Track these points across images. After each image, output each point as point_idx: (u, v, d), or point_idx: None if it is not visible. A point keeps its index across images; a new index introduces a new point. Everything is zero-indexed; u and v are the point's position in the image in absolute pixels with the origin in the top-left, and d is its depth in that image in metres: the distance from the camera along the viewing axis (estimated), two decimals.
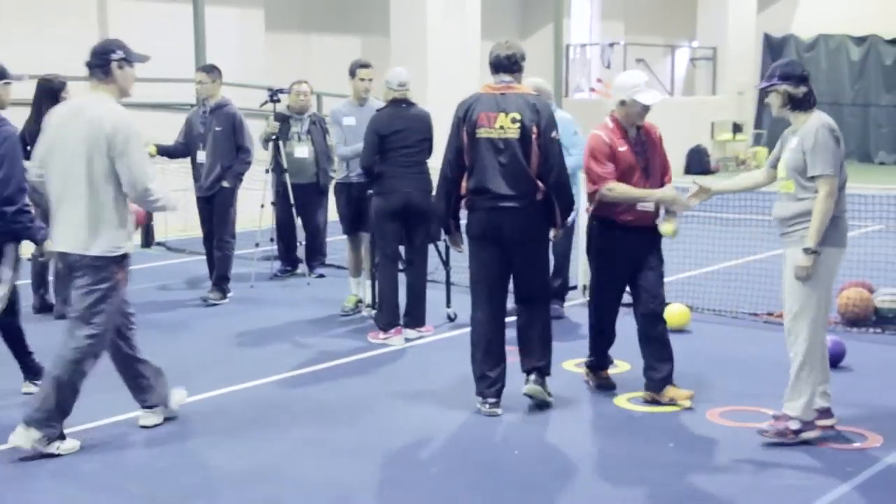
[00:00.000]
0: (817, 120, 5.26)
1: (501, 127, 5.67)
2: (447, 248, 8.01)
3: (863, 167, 22.03)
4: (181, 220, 12.05)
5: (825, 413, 5.36)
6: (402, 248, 7.55)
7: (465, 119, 5.76)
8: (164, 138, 9.26)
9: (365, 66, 8.18)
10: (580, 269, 8.74)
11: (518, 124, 5.66)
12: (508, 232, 5.71)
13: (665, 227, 5.84)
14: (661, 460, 5.03)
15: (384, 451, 5.25)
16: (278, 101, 9.50)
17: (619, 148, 5.89)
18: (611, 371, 6.35)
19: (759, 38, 23.76)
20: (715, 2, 22.22)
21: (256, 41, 15.55)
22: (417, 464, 5.07)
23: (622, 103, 5.87)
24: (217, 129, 8.67)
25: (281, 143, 9.31)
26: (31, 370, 6.14)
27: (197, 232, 11.98)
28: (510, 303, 6.03)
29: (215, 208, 8.77)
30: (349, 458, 5.18)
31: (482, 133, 5.69)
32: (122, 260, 5.25)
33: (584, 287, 8.71)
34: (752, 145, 22.60)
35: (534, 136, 5.67)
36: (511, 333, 5.99)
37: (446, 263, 8.08)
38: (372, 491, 4.78)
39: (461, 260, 8.39)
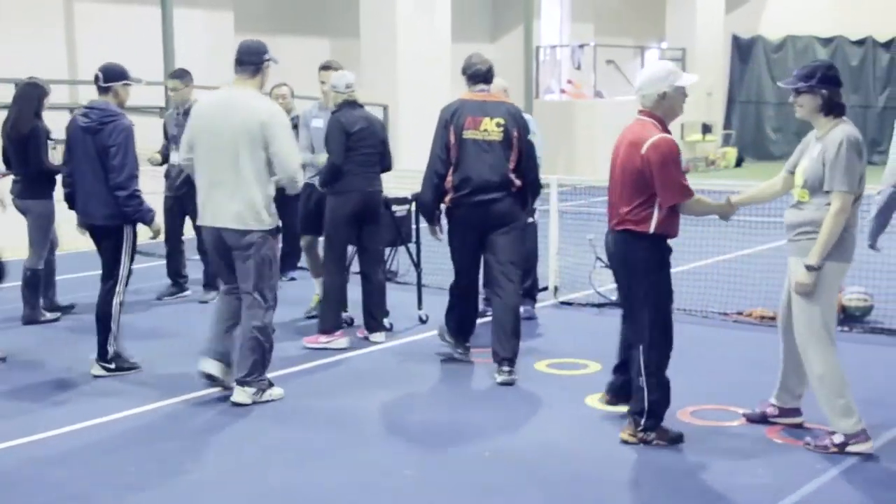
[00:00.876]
0: (842, 131, 5.06)
1: (486, 130, 6.44)
2: (418, 251, 8.02)
3: None
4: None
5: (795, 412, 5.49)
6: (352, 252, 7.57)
7: (452, 121, 6.48)
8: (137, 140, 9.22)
9: (324, 67, 8.04)
10: (551, 271, 8.77)
11: (502, 128, 6.46)
12: (490, 219, 6.47)
13: None
14: (632, 460, 5.05)
15: (356, 455, 5.24)
16: None
17: None
18: (581, 372, 6.38)
19: (727, 39, 23.95)
20: (684, 3, 22.38)
21: (226, 43, 15.44)
22: (390, 467, 5.06)
23: (663, 97, 5.20)
24: None
25: None
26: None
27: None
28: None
29: (190, 210, 8.72)
30: (321, 461, 5.17)
31: (468, 134, 6.44)
32: (276, 232, 6.04)
33: (556, 288, 8.75)
34: (722, 146, 22.76)
35: (514, 139, 6.47)
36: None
37: (417, 265, 8.08)
38: (344, 495, 4.76)
39: (432, 262, 8.43)
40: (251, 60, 5.95)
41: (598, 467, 5.00)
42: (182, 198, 8.72)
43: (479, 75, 6.68)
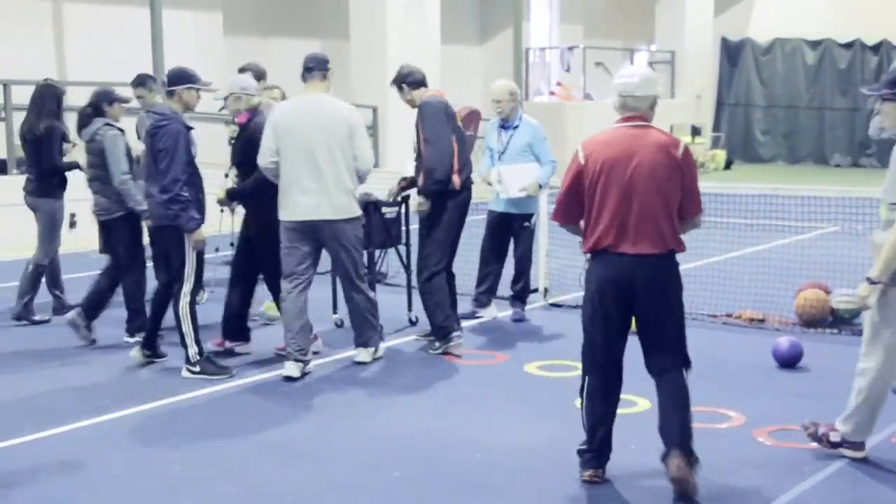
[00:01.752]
0: None
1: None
2: (408, 253, 8.01)
3: (818, 169, 22.32)
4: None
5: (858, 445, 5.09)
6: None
7: (448, 115, 7.06)
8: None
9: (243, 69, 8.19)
10: (541, 272, 8.78)
11: None
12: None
13: None
14: (624, 462, 5.05)
15: (346, 456, 5.24)
16: None
17: None
18: (571, 374, 6.39)
19: (716, 41, 24.03)
20: (673, 6, 22.45)
21: (215, 45, 15.45)
22: (380, 468, 5.06)
23: (655, 102, 4.72)
24: None
25: None
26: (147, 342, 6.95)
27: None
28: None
29: None
30: (311, 462, 5.16)
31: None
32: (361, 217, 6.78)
33: (546, 290, 8.76)
34: (711, 148, 22.82)
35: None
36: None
37: (407, 268, 8.07)
38: (334, 495, 4.76)
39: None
40: (320, 67, 6.62)
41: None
42: None
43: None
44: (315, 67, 6.63)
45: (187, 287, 6.57)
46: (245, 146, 6.91)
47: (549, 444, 5.36)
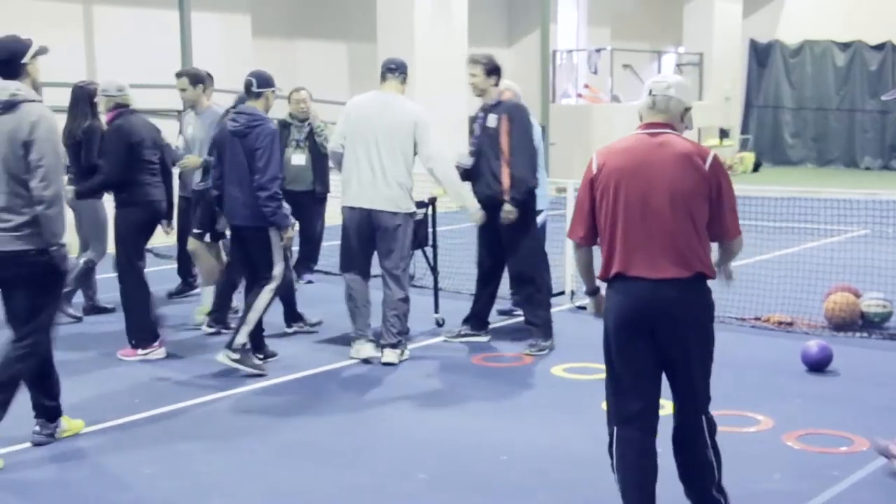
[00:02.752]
0: None
1: None
2: (435, 255, 8.02)
3: (848, 172, 22.14)
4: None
5: None
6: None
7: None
8: None
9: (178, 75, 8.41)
10: (567, 275, 8.75)
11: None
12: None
13: None
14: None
15: (371, 458, 5.24)
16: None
17: None
18: (597, 377, 6.35)
19: (744, 43, 23.90)
20: (701, 8, 22.33)
21: (243, 47, 15.52)
22: (404, 471, 5.06)
23: (687, 111, 4.16)
24: None
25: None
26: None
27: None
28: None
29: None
30: (336, 464, 5.17)
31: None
32: (413, 216, 6.97)
33: (572, 293, 8.73)
34: (739, 150, 22.70)
35: None
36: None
37: (434, 269, 8.07)
38: (359, 498, 4.76)
39: (449, 266, 8.42)
40: (401, 70, 6.99)
41: (611, 473, 4.97)
42: (197, 200, 8.79)
43: None
44: (397, 69, 6.98)
45: (275, 284, 6.69)
46: (101, 143, 7.35)
47: (575, 446, 5.34)
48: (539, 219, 7.87)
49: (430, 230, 7.91)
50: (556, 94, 20.52)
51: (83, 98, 7.95)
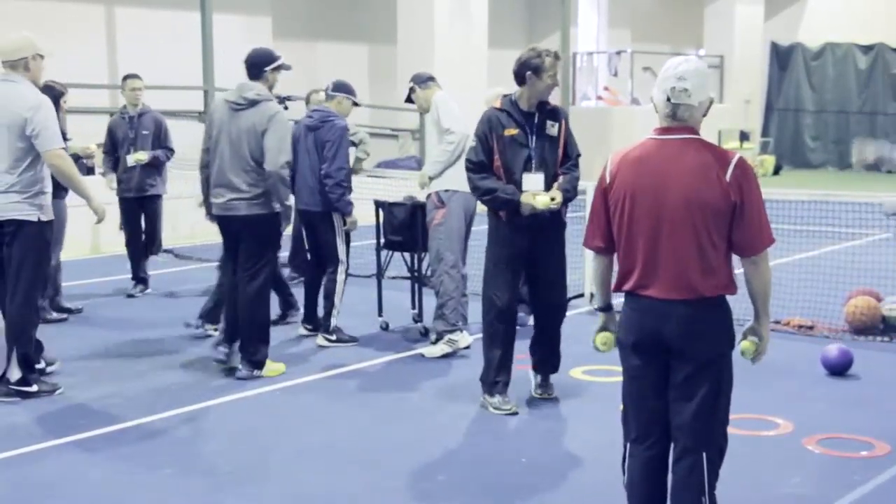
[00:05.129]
0: None
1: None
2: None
3: (869, 175, 22.01)
4: (188, 228, 12.11)
5: None
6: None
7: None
8: (173, 145, 9.40)
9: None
10: (587, 277, 8.74)
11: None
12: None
13: None
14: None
15: (390, 459, 5.25)
16: (286, 108, 9.50)
17: None
18: (616, 379, 6.34)
19: (765, 46, 23.79)
20: (722, 10, 22.26)
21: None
22: (423, 473, 5.07)
23: (710, 104, 3.82)
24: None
25: None
26: (308, 317, 7.82)
27: (202, 239, 12.03)
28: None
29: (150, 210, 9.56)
30: (354, 466, 5.18)
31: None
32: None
33: (591, 295, 8.71)
34: (760, 153, 22.60)
35: None
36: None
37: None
38: (378, 499, 4.77)
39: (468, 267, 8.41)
40: (424, 79, 7.41)
41: None
42: (141, 199, 9.02)
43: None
44: (426, 79, 7.38)
45: (343, 267, 7.43)
46: None
47: (594, 448, 5.33)
48: None
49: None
50: (576, 97, 20.49)
51: (53, 99, 7.86)
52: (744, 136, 21.96)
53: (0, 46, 6.23)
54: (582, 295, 8.66)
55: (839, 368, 6.64)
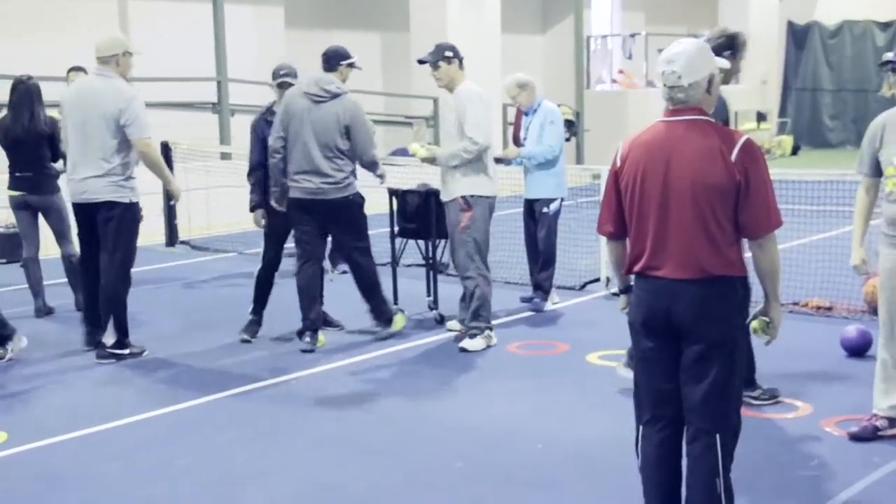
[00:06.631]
0: None
1: None
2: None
3: None
4: (204, 219, 12.13)
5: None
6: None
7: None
8: (186, 136, 9.38)
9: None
10: (603, 262, 8.71)
11: None
12: None
13: None
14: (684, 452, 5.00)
15: (406, 449, 5.25)
16: None
17: None
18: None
19: (782, 25, 23.61)
20: None
21: (276, 38, 15.57)
22: (441, 460, 5.06)
23: (711, 82, 3.75)
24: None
25: None
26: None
27: (219, 230, 12.06)
28: None
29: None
30: (371, 455, 5.18)
31: None
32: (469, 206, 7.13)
33: (608, 279, 8.68)
34: (777, 134, 22.45)
35: None
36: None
37: None
38: (395, 486, 4.77)
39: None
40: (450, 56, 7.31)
41: None
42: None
43: None
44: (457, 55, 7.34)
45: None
46: None
47: (610, 434, 5.31)
48: (553, 206, 7.93)
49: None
50: (591, 81, 20.40)
51: (35, 92, 7.87)
52: (761, 117, 21.81)
53: (96, 44, 6.91)
54: (598, 279, 8.63)
55: (858, 349, 6.59)
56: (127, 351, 6.92)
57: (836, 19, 23.57)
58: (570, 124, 8.84)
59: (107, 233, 6.78)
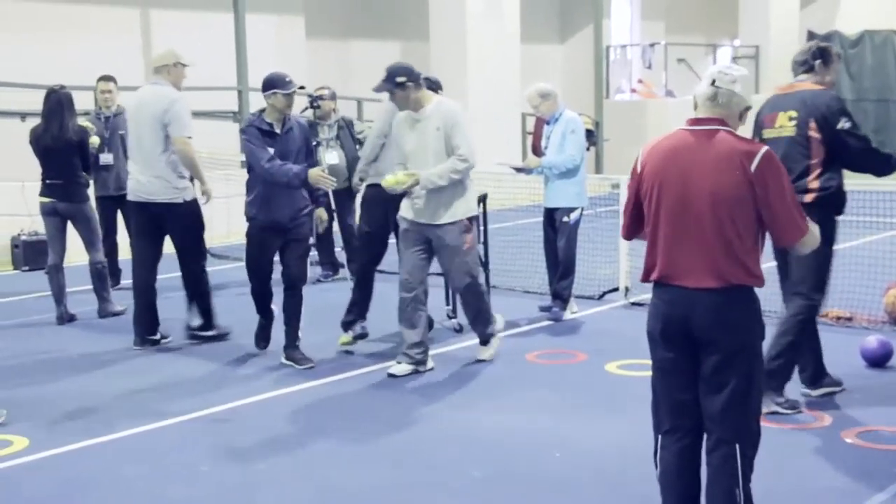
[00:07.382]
0: None
1: (780, 126, 5.90)
2: (486, 251, 8.02)
3: None
4: (224, 227, 12.17)
5: None
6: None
7: (755, 121, 5.94)
8: (207, 146, 9.43)
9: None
10: (622, 271, 8.71)
11: (794, 121, 5.88)
12: None
13: None
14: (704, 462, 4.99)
15: (423, 457, 5.26)
16: (318, 107, 9.55)
17: None
18: None
19: (802, 35, 23.50)
20: None
21: (297, 48, 15.66)
22: (458, 469, 5.07)
23: (746, 111, 3.86)
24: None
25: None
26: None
27: (239, 238, 12.10)
28: None
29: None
30: (391, 462, 5.20)
31: (766, 134, 5.92)
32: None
33: (627, 289, 8.68)
34: None
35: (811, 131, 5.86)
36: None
37: (486, 266, 8.06)
38: (413, 495, 4.78)
39: (500, 263, 8.40)
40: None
41: None
42: (119, 199, 8.90)
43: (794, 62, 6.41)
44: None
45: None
46: None
47: (629, 443, 5.30)
48: (574, 215, 7.93)
49: (481, 227, 7.91)
50: (610, 90, 20.38)
51: (67, 101, 8.06)
52: None
53: (153, 57, 7.63)
54: (617, 289, 8.62)
55: (879, 360, 6.56)
56: (212, 332, 7.51)
57: (857, 29, 23.46)
58: (589, 134, 8.83)
59: (174, 232, 7.36)
